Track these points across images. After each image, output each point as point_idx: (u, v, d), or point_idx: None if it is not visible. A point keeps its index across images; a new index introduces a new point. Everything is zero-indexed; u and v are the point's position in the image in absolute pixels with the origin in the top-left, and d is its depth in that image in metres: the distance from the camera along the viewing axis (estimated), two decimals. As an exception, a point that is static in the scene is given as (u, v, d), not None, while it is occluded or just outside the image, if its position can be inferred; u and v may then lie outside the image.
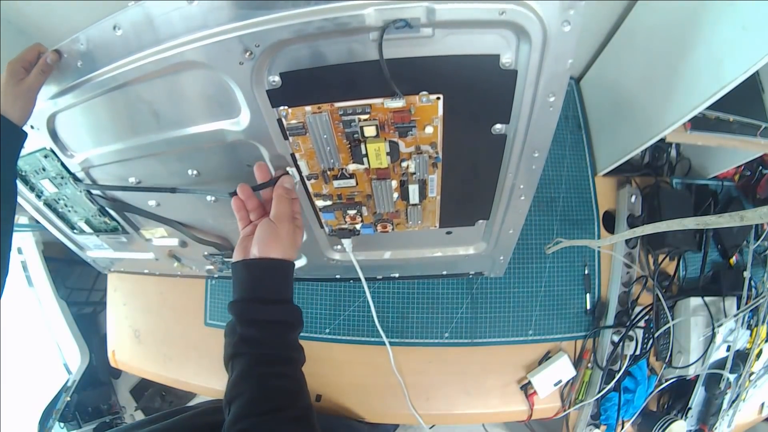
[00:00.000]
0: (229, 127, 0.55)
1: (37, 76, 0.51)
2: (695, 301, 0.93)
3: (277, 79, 0.48)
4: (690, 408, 0.95)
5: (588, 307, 0.96)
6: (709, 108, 0.67)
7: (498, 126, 0.54)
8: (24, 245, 1.30)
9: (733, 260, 1.03)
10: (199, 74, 0.49)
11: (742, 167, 1.06)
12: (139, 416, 1.87)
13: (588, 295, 0.97)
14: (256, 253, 0.51)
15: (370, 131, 0.52)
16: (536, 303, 0.96)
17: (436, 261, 0.86)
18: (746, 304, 0.92)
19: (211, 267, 0.94)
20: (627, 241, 0.98)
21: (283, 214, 0.53)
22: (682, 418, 0.92)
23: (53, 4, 0.80)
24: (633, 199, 0.99)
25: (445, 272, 0.92)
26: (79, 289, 1.64)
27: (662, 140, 0.79)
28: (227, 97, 0.50)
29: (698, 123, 0.78)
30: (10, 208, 0.55)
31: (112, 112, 0.58)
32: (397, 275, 0.95)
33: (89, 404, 1.74)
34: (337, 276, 0.94)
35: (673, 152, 1.08)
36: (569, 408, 0.93)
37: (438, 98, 0.50)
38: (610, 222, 1.03)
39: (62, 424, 1.56)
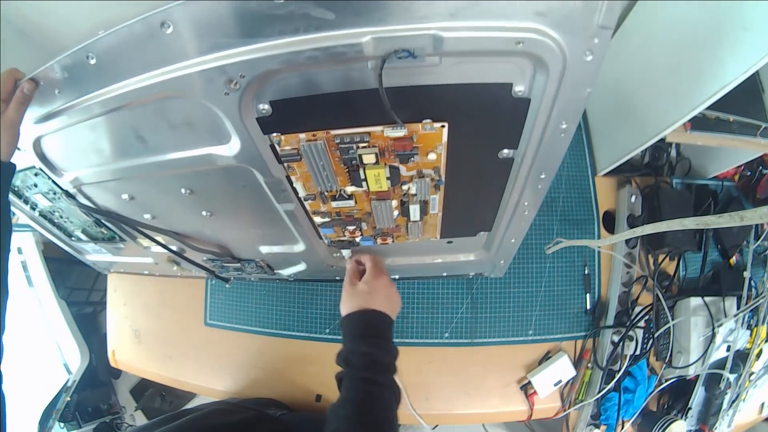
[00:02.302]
0: (220, 152, 0.52)
1: (17, 108, 0.49)
2: (695, 301, 0.93)
3: (267, 107, 0.45)
4: (690, 408, 0.95)
5: (588, 307, 0.97)
6: (709, 108, 0.67)
7: (506, 151, 0.52)
8: (24, 245, 1.30)
9: (733, 260, 1.03)
10: (184, 102, 0.46)
11: (742, 167, 1.06)
12: (139, 416, 1.88)
13: (588, 295, 0.97)
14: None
15: (369, 159, 0.50)
16: (536, 303, 0.96)
17: (436, 266, 0.86)
18: (746, 304, 0.92)
19: (212, 268, 0.94)
20: (627, 241, 0.98)
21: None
22: (682, 418, 0.92)
23: (53, 4, 0.80)
24: (633, 199, 0.99)
25: (445, 274, 0.92)
26: (79, 289, 1.64)
27: (662, 140, 0.79)
28: (215, 124, 0.48)
29: (698, 123, 0.78)
30: (5, 239, 0.54)
31: (97, 137, 0.56)
32: (397, 276, 0.95)
33: (89, 404, 1.74)
34: (337, 278, 0.94)
35: (673, 152, 1.08)
36: (569, 408, 0.93)
37: (443, 126, 0.47)
38: (610, 222, 1.03)
39: (62, 424, 1.56)
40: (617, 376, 0.89)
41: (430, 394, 0.95)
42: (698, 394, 0.95)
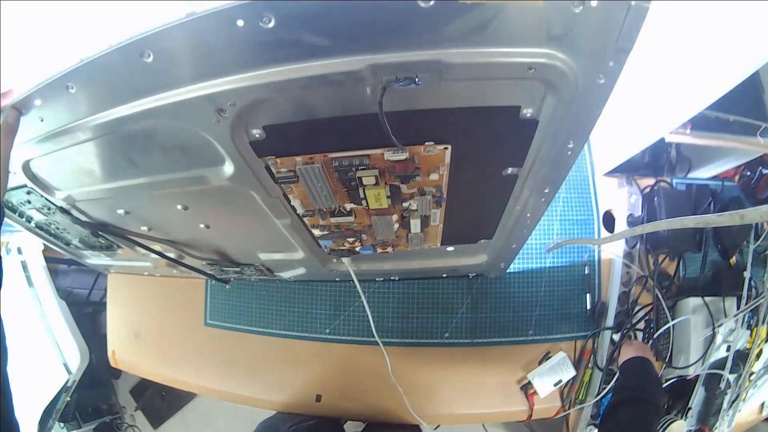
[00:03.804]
0: (213, 173, 0.51)
1: (4, 141, 0.45)
2: (695, 301, 0.93)
3: (260, 131, 0.43)
4: (690, 408, 0.95)
5: (588, 307, 0.96)
6: (709, 108, 0.67)
7: (510, 169, 0.51)
8: (24, 245, 1.30)
9: (733, 260, 1.02)
10: (173, 127, 0.44)
11: (742, 167, 1.05)
12: (139, 416, 1.88)
13: (588, 295, 0.97)
14: None
15: (369, 180, 0.48)
16: (536, 303, 0.96)
17: (436, 268, 0.86)
18: (746, 304, 0.92)
19: (211, 272, 0.94)
20: (627, 241, 0.97)
21: None
22: (682, 418, 0.92)
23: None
24: (633, 199, 0.99)
25: (445, 275, 0.92)
26: (79, 289, 1.64)
27: (662, 140, 0.79)
28: (206, 147, 0.46)
29: (698, 123, 0.78)
30: None
31: (87, 160, 0.55)
32: (396, 278, 0.95)
33: (89, 404, 1.74)
34: (337, 279, 0.94)
35: (673, 152, 1.08)
36: (569, 408, 0.93)
37: (446, 148, 0.45)
38: (610, 222, 1.03)
39: (62, 424, 1.56)
40: (617, 377, 0.89)
41: (430, 394, 0.95)
42: (698, 394, 0.95)
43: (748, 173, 1.07)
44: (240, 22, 0.31)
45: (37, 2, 0.53)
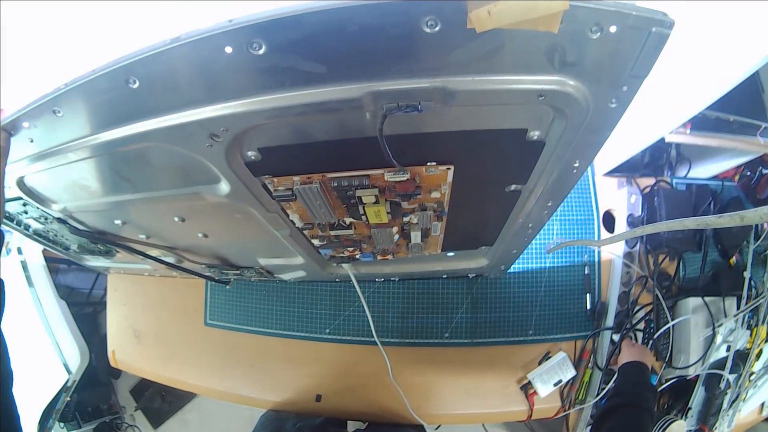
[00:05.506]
0: (209, 191, 0.51)
1: None
2: (695, 301, 0.93)
3: (255, 153, 0.42)
4: (690, 408, 0.95)
5: (588, 307, 0.96)
6: (709, 108, 0.67)
7: (514, 186, 0.51)
8: (24, 245, 1.30)
9: (733, 260, 1.02)
10: (165, 148, 0.42)
11: (742, 167, 1.05)
12: (139, 416, 1.88)
13: (588, 295, 0.97)
14: None
15: (369, 199, 0.48)
16: (536, 303, 0.96)
17: (436, 271, 0.86)
18: (746, 304, 0.92)
19: (210, 274, 0.94)
20: (627, 241, 0.97)
21: None
22: (682, 418, 0.92)
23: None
24: (633, 199, 0.99)
25: (445, 276, 0.92)
26: (79, 289, 1.64)
27: (662, 140, 0.79)
28: (201, 167, 0.45)
29: (698, 123, 0.78)
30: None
31: (80, 177, 0.54)
32: (396, 279, 0.95)
33: (89, 404, 1.74)
34: (337, 280, 0.94)
35: (673, 152, 1.08)
36: (569, 408, 0.93)
37: (448, 168, 0.45)
38: (610, 222, 1.02)
39: (62, 424, 1.56)
40: (615, 378, 0.89)
41: (430, 395, 0.95)
42: (698, 394, 0.95)
43: (748, 173, 1.07)
44: (228, 49, 0.30)
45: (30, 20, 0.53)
